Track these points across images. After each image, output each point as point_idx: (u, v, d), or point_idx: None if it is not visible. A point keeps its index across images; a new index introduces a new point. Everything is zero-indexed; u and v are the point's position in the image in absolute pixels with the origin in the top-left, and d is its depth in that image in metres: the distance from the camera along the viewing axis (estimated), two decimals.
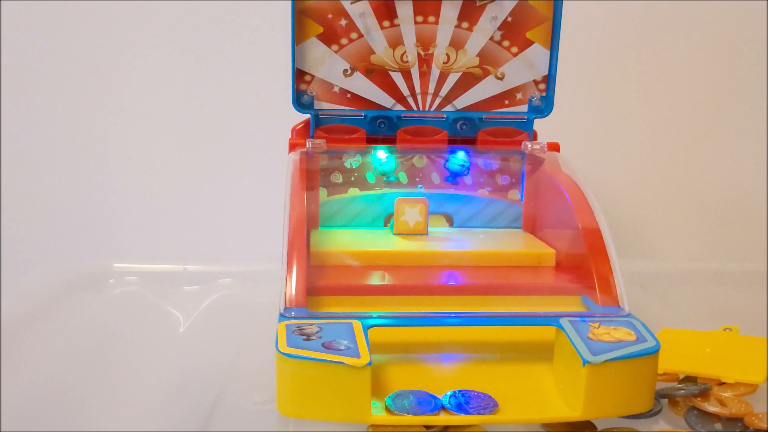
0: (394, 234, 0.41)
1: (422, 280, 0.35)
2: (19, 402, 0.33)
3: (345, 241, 0.39)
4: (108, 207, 0.59)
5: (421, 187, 0.43)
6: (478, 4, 0.40)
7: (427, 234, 0.41)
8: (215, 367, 0.37)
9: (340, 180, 0.43)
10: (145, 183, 0.59)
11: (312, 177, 0.42)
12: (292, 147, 0.41)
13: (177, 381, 0.36)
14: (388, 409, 0.27)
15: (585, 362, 0.27)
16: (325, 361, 0.26)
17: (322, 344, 0.27)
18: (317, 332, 0.28)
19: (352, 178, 0.43)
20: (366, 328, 0.29)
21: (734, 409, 0.31)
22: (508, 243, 0.40)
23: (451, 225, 0.44)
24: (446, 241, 0.40)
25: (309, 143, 0.41)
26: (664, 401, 0.33)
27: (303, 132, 0.42)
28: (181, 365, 0.38)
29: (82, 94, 0.59)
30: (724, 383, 0.33)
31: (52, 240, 0.59)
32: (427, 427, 0.28)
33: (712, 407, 0.32)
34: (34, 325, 0.41)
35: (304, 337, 0.28)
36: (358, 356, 0.26)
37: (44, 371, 0.37)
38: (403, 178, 0.43)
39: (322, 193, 0.43)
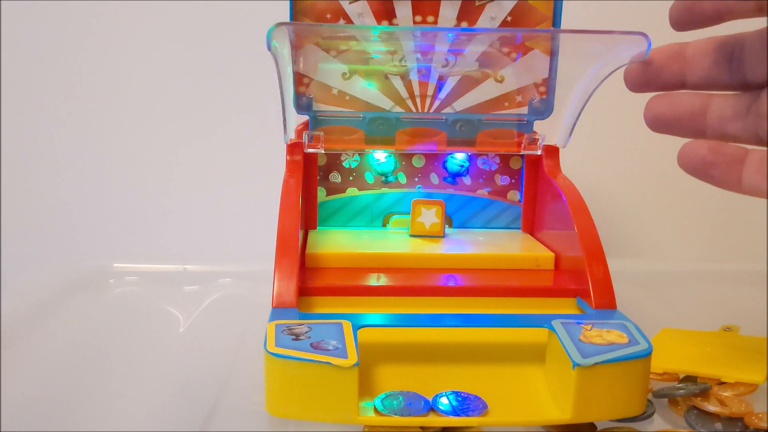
0: (410, 235, 0.41)
1: (416, 282, 0.35)
2: (19, 402, 0.33)
3: (341, 243, 0.39)
4: (108, 207, 0.60)
5: (420, 188, 0.43)
6: (476, 4, 0.40)
7: (444, 236, 0.41)
8: (215, 367, 0.37)
9: (339, 180, 0.43)
10: (145, 183, 0.60)
11: (310, 176, 0.42)
12: (291, 146, 0.41)
13: (177, 381, 0.36)
14: (376, 410, 0.27)
15: (575, 365, 0.27)
16: (312, 361, 0.26)
17: (311, 344, 0.27)
18: (306, 332, 0.28)
19: (351, 178, 0.43)
20: (356, 328, 0.29)
21: (734, 409, 0.31)
22: (507, 245, 0.40)
23: (450, 225, 0.44)
24: (444, 243, 0.40)
25: (306, 135, 0.40)
26: (664, 401, 0.33)
27: (303, 133, 0.42)
28: (181, 365, 0.38)
29: (82, 94, 0.59)
30: (724, 383, 0.33)
31: (52, 240, 0.60)
32: (422, 427, 0.28)
33: (712, 407, 0.32)
34: (34, 325, 0.41)
35: (293, 337, 0.28)
36: (345, 356, 0.26)
37: (44, 371, 0.37)
38: (402, 178, 0.43)
39: (321, 192, 0.43)
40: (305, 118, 0.41)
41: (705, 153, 0.28)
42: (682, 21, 0.28)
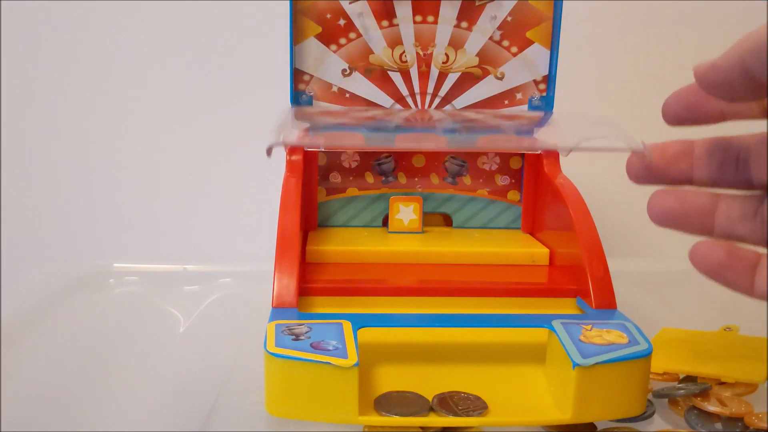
0: (389, 232, 0.41)
1: (416, 282, 0.35)
2: (19, 402, 0.33)
3: (342, 239, 0.39)
4: (108, 207, 0.60)
5: (420, 188, 0.43)
6: (477, 3, 0.40)
7: (422, 232, 0.41)
8: (215, 367, 0.37)
9: (339, 180, 0.43)
10: (144, 183, 0.60)
11: (310, 176, 0.42)
12: (291, 147, 0.41)
13: (177, 381, 0.36)
14: (377, 410, 0.27)
15: (575, 365, 0.27)
16: (312, 361, 0.26)
17: (311, 344, 0.27)
18: (306, 332, 0.28)
19: (351, 178, 0.43)
20: (356, 328, 0.29)
21: (734, 409, 0.31)
22: (502, 242, 0.40)
23: (450, 225, 0.44)
24: (440, 240, 0.40)
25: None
26: (663, 401, 0.33)
27: (303, 132, 0.42)
28: (181, 365, 0.38)
29: (82, 94, 0.59)
30: (724, 383, 0.33)
31: (52, 240, 0.60)
32: (422, 427, 0.28)
33: (712, 407, 0.32)
34: (34, 325, 0.41)
35: (293, 337, 0.28)
36: (345, 357, 0.26)
37: (44, 371, 0.37)
38: (401, 178, 0.43)
39: (321, 192, 0.43)
40: None
41: (722, 257, 0.27)
42: (679, 118, 0.27)
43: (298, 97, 0.41)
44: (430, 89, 0.41)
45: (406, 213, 0.41)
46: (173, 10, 0.57)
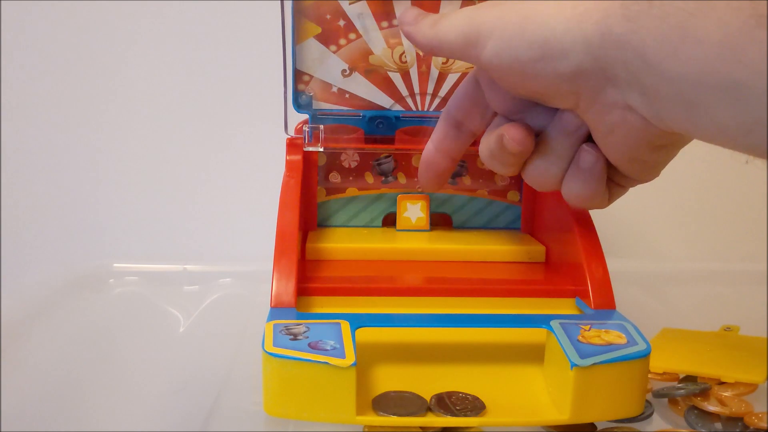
0: (397, 230, 0.41)
1: (415, 282, 0.35)
2: (19, 402, 0.33)
3: (342, 236, 0.40)
4: (108, 207, 0.60)
5: (419, 188, 0.43)
6: (477, 4, 0.40)
7: (429, 230, 0.41)
8: (215, 367, 0.37)
9: (339, 180, 0.43)
10: (144, 183, 0.60)
11: (309, 176, 0.42)
12: (290, 146, 0.41)
13: (177, 381, 0.36)
14: (374, 410, 0.27)
15: (573, 365, 0.27)
16: (309, 361, 0.26)
17: (308, 344, 0.27)
18: (304, 332, 0.28)
19: (351, 178, 0.43)
20: (354, 328, 0.29)
21: (734, 409, 0.32)
22: (500, 241, 0.40)
23: (450, 225, 0.44)
24: (438, 238, 0.40)
25: (306, 129, 0.40)
26: (663, 401, 0.33)
27: (302, 132, 0.42)
28: (181, 365, 0.38)
29: (82, 94, 0.59)
30: (724, 383, 0.33)
31: (52, 240, 0.60)
32: (422, 428, 0.28)
33: (712, 407, 0.32)
34: (34, 325, 0.41)
35: (291, 336, 0.28)
36: (343, 356, 0.26)
37: (44, 371, 0.37)
38: (401, 178, 0.43)
39: (320, 192, 0.43)
40: (305, 116, 0.41)
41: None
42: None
43: (297, 98, 0.41)
44: (430, 89, 0.41)
45: (414, 211, 0.41)
46: (173, 8, 0.58)
